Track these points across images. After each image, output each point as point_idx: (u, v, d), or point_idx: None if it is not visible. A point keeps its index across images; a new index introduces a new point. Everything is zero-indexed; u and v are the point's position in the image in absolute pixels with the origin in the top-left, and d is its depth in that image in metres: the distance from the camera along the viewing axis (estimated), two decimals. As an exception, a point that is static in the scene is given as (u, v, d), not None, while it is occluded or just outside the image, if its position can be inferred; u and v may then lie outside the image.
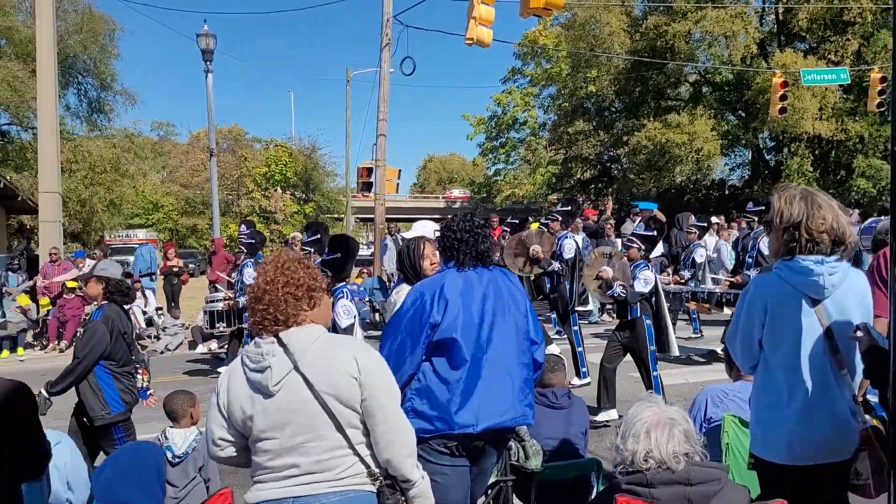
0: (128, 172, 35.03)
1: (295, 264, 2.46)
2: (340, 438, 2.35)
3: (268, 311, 2.37)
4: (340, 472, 2.35)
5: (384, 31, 16.26)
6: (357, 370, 2.34)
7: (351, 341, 2.51)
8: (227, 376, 2.43)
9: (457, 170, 73.69)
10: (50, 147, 14.91)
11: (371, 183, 17.76)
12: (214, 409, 2.44)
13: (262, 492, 2.36)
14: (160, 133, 52.42)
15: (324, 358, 2.34)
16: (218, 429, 2.42)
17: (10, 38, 33.04)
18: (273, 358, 2.31)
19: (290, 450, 2.31)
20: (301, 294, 2.40)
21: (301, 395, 2.31)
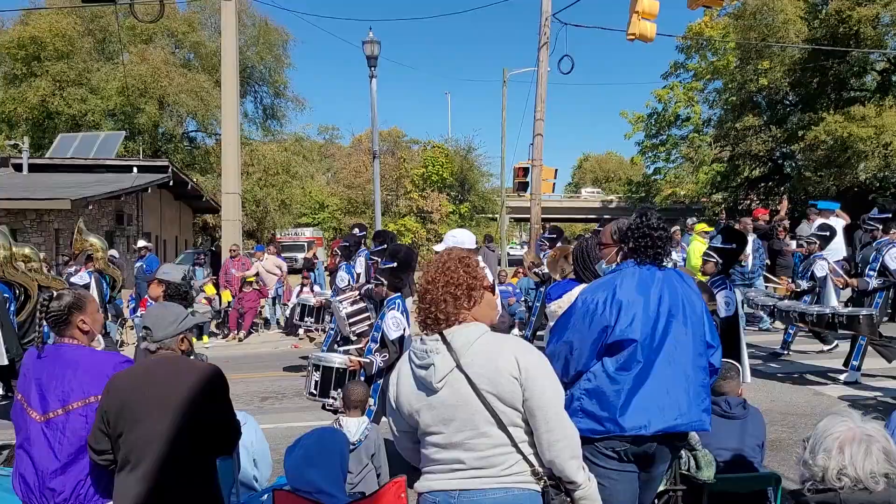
0: (297, 174, 37.34)
1: (455, 264, 2.49)
2: (503, 436, 2.36)
3: (430, 310, 2.44)
4: (504, 469, 2.36)
5: (542, 30, 16.18)
6: (518, 370, 2.34)
7: (513, 341, 2.51)
8: (398, 371, 2.53)
9: (613, 169, 71.97)
10: (232, 152, 16.17)
11: (527, 183, 17.76)
12: (390, 403, 2.55)
13: (430, 482, 2.43)
14: (325, 136, 55.61)
15: (485, 357, 2.36)
16: (394, 421, 2.56)
17: (198, 53, 36.26)
18: (437, 356, 2.37)
19: (454, 445, 2.37)
20: (460, 293, 2.43)
21: (463, 393, 2.34)
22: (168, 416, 2.73)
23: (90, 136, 27.58)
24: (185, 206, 32.20)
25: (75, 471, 2.85)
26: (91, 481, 2.87)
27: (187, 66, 35.18)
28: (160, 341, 2.91)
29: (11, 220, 19.01)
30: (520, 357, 2.36)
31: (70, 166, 24.01)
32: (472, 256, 2.57)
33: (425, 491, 2.43)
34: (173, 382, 2.78)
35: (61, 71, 31.74)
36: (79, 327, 3.05)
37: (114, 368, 2.92)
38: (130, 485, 2.73)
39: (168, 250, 27.97)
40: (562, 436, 2.38)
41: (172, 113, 34.63)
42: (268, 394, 9.30)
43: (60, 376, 2.91)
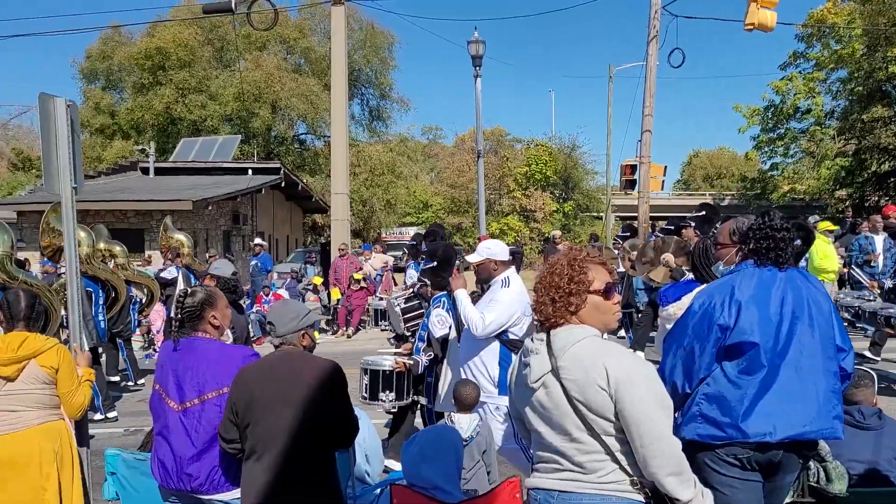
0: (402, 174, 38.06)
1: (563, 267, 2.46)
2: (596, 444, 2.31)
3: (535, 309, 2.48)
4: (602, 476, 2.32)
5: (651, 23, 15.75)
6: (607, 381, 2.26)
7: (609, 349, 2.37)
8: (514, 363, 2.59)
9: (725, 165, 69.04)
10: (341, 153, 16.65)
11: (635, 180, 17.33)
12: (509, 389, 2.64)
13: (535, 479, 2.46)
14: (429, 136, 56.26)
15: (577, 364, 2.31)
16: (511, 409, 2.70)
17: (308, 58, 37.56)
18: (536, 356, 2.39)
19: (550, 446, 2.39)
20: (558, 298, 2.41)
21: (556, 397, 2.34)
22: (290, 410, 2.84)
23: (209, 140, 29.12)
24: (295, 207, 33.45)
25: (209, 457, 3.02)
26: (223, 468, 3.02)
27: (298, 71, 36.51)
28: (282, 336, 3.03)
29: (140, 221, 20.34)
30: (611, 368, 2.26)
31: (191, 169, 25.43)
32: (585, 258, 2.51)
33: (531, 487, 2.48)
34: (295, 377, 2.89)
35: (183, 79, 33.70)
36: (210, 322, 3.22)
37: (243, 361, 3.07)
38: (256, 474, 2.86)
39: (280, 249, 29.12)
40: (658, 452, 2.26)
41: (284, 116, 36.06)
42: (376, 389, 9.47)
43: (195, 368, 3.09)
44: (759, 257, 3.10)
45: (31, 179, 34.48)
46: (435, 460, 3.12)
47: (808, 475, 3.39)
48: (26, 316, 3.57)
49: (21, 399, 3.46)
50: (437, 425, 3.65)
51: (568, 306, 2.40)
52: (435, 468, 3.09)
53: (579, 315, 2.41)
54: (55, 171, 3.94)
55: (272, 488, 2.82)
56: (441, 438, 3.28)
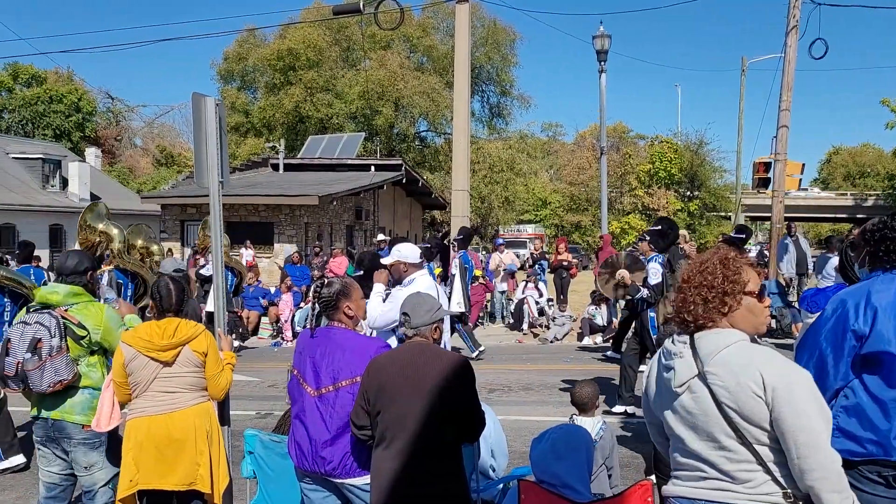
0: (521, 171, 37.96)
1: (716, 265, 2.33)
2: (747, 453, 2.18)
3: (681, 310, 2.34)
4: (752, 487, 2.19)
5: (791, 12, 14.85)
6: (762, 388, 2.13)
7: (764, 354, 2.24)
8: (652, 366, 2.49)
9: (869, 163, 64.27)
10: (462, 150, 16.77)
11: (769, 179, 16.40)
12: (644, 395, 2.54)
13: (676, 487, 2.36)
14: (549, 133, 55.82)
15: (729, 369, 2.19)
16: (646, 413, 2.55)
17: (430, 56, 38.16)
18: (679, 359, 2.27)
19: (695, 453, 2.27)
20: (712, 297, 2.28)
21: (703, 403, 2.21)
22: (420, 399, 2.90)
23: (335, 137, 30.19)
24: (415, 203, 34.10)
25: (343, 443, 3.12)
26: (355, 454, 3.12)
27: (420, 69, 37.18)
28: (417, 328, 3.09)
29: (269, 215, 21.39)
30: (767, 374, 2.14)
31: (317, 165, 26.45)
32: (738, 257, 2.39)
33: (671, 496, 2.37)
34: (426, 368, 2.95)
35: (312, 79, 35.11)
36: (345, 312, 3.33)
37: (376, 352, 3.16)
38: (385, 460, 2.94)
39: (400, 244, 29.73)
40: (816, 465, 2.13)
41: (406, 114, 36.83)
42: (494, 386, 9.53)
43: (331, 356, 3.21)
44: (875, 262, 2.91)
45: (173, 175, 37.00)
46: (566, 458, 3.09)
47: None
48: (176, 308, 3.83)
49: (178, 382, 3.73)
50: (569, 424, 3.61)
51: (721, 307, 2.29)
52: (566, 466, 3.05)
53: (731, 317, 2.29)
54: (205, 166, 4.19)
55: (399, 475, 2.88)
56: (573, 436, 3.24)
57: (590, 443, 3.34)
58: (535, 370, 10.72)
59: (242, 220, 21.05)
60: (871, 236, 2.98)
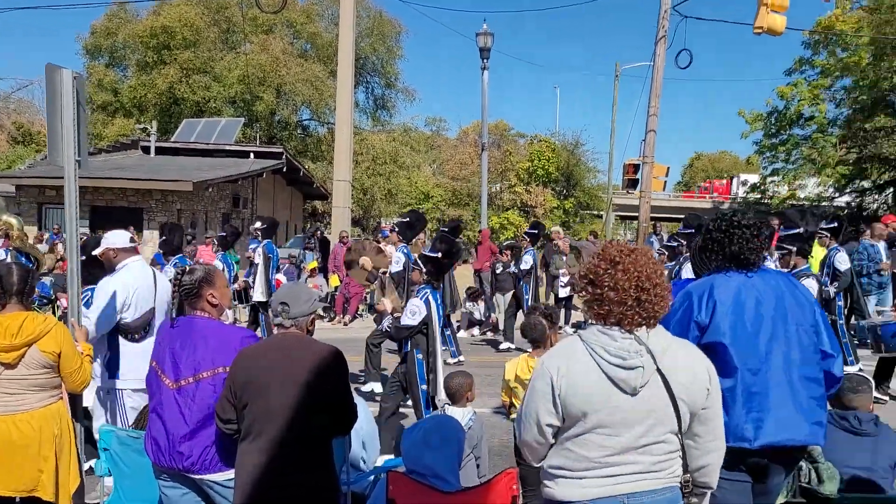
0: (404, 164, 38.01)
1: (657, 266, 2.41)
2: (677, 442, 2.34)
3: (645, 307, 2.31)
4: (669, 473, 2.35)
5: (661, 23, 15.71)
6: (709, 380, 2.35)
7: (697, 349, 2.50)
8: (567, 363, 2.31)
9: (727, 168, 69.07)
10: (344, 140, 16.59)
11: (637, 180, 17.31)
12: (545, 395, 2.32)
13: (587, 489, 2.29)
14: (433, 128, 56.15)
15: (684, 364, 2.33)
16: (547, 415, 2.33)
17: (314, 43, 37.43)
18: (641, 358, 2.27)
19: (632, 449, 2.28)
20: (666, 295, 2.38)
21: (659, 398, 2.28)
22: (291, 391, 2.82)
23: (212, 121, 29.05)
24: (296, 192, 33.41)
25: (203, 437, 3.00)
26: (217, 448, 3.01)
27: (304, 56, 36.40)
28: (295, 318, 3.00)
29: (139, 200, 20.30)
30: (710, 368, 2.38)
31: (193, 150, 25.35)
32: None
33: (582, 499, 2.29)
34: (298, 360, 2.87)
35: (188, 59, 33.56)
36: (208, 300, 3.19)
37: (241, 342, 3.05)
38: (251, 454, 2.84)
39: (279, 234, 29.08)
40: (722, 444, 2.44)
41: (288, 101, 35.96)
42: (370, 377, 9.46)
43: (192, 346, 3.06)
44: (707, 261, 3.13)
45: (31, 154, 34.35)
46: (438, 448, 3.11)
47: (799, 476, 3.39)
48: (19, 290, 3.51)
49: (22, 383, 3.43)
50: (441, 415, 3.64)
51: (666, 305, 2.38)
52: (437, 456, 3.07)
53: None
54: (59, 143, 3.88)
55: (266, 468, 2.80)
56: (445, 427, 3.27)
57: (460, 433, 3.38)
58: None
59: (109, 205, 19.87)
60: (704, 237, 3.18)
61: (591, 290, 2.35)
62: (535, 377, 2.39)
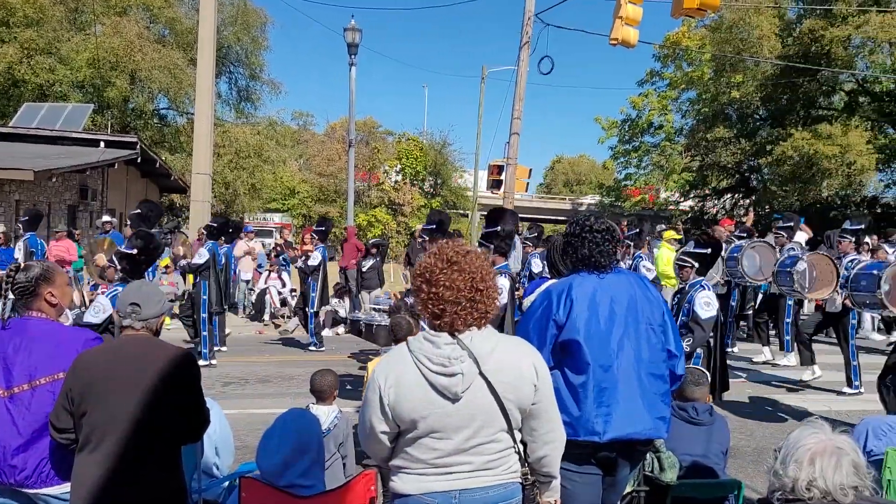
0: (269, 159, 36.94)
1: (487, 263, 2.43)
2: (509, 440, 2.38)
3: (478, 307, 2.32)
4: (504, 469, 2.39)
5: (524, 29, 16.22)
6: (536, 377, 2.37)
7: (526, 345, 2.51)
8: (394, 373, 2.32)
9: (585, 172, 72.53)
10: (204, 132, 15.92)
11: (501, 181, 17.78)
12: (375, 404, 2.34)
13: (424, 483, 2.33)
14: (300, 122, 54.98)
15: (509, 365, 2.33)
16: (379, 423, 2.35)
17: (173, 28, 35.60)
18: (462, 364, 2.27)
19: (462, 451, 2.31)
20: (496, 295, 2.41)
21: (482, 401, 2.30)
22: (136, 397, 2.66)
23: (57, 107, 26.94)
24: (151, 185, 31.61)
25: (39, 448, 2.77)
26: (54, 461, 2.79)
27: (161, 42, 34.50)
28: (146, 320, 2.83)
29: (-29, 189, 18.49)
30: (536, 363, 2.39)
31: (35, 137, 23.36)
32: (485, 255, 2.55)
33: (419, 492, 2.33)
34: (144, 363, 2.71)
35: (30, 38, 30.90)
36: (46, 300, 2.96)
37: (83, 345, 2.84)
38: (90, 466, 2.64)
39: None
40: (559, 437, 2.48)
41: (144, 89, 33.97)
42: (230, 379, 9.19)
43: (27, 350, 2.82)
44: (568, 263, 3.27)
45: None
46: (296, 449, 3.03)
47: (643, 465, 3.60)
48: None
49: None
50: (299, 412, 3.55)
51: (496, 305, 2.40)
52: (292, 457, 2.99)
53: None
54: None
55: (104, 483, 2.60)
56: (302, 423, 3.18)
57: (319, 432, 3.33)
58: (275, 361, 10.53)
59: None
60: (564, 239, 3.33)
61: (426, 290, 2.34)
62: (367, 387, 2.42)
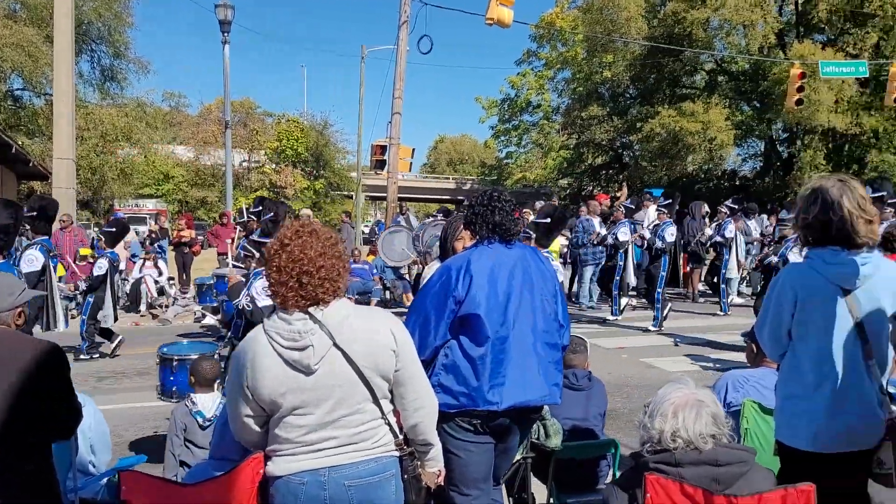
0: (139, 142, 35.08)
1: (335, 235, 2.44)
2: (376, 410, 2.39)
3: (307, 290, 2.31)
4: (374, 442, 2.40)
5: (402, 8, 16.16)
6: (395, 343, 2.39)
7: (383, 312, 2.54)
8: (250, 353, 2.33)
9: (468, 151, 73.42)
10: (65, 113, 14.91)
11: (384, 161, 17.73)
12: (237, 387, 2.36)
13: (292, 463, 2.34)
14: (171, 104, 52.41)
15: (363, 333, 2.35)
16: (242, 407, 2.37)
17: (25, 3, 32.95)
18: (313, 336, 2.28)
19: (326, 424, 2.32)
20: (344, 268, 2.40)
21: (342, 371, 2.31)
22: (-1, 395, 2.49)
23: None
24: (7, 171, 29.25)
25: None
26: None
27: (12, 18, 31.84)
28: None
29: None
30: (394, 329, 2.41)
31: None
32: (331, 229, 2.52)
33: (287, 473, 2.34)
34: (6, 359, 2.54)
35: None
36: None
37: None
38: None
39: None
40: (429, 402, 2.52)
41: (-6, 68, 31.33)
42: (105, 374, 8.76)
43: None
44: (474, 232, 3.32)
45: None
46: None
47: (529, 432, 3.74)
48: None
49: None
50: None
51: (344, 280, 2.40)
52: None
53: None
54: None
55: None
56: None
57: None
58: (153, 353, 10.08)
59: None
60: (468, 212, 3.38)
61: (266, 269, 2.39)
62: (230, 369, 2.43)
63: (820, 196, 2.68)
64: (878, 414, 2.65)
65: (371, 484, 2.37)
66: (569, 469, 3.90)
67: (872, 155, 26.44)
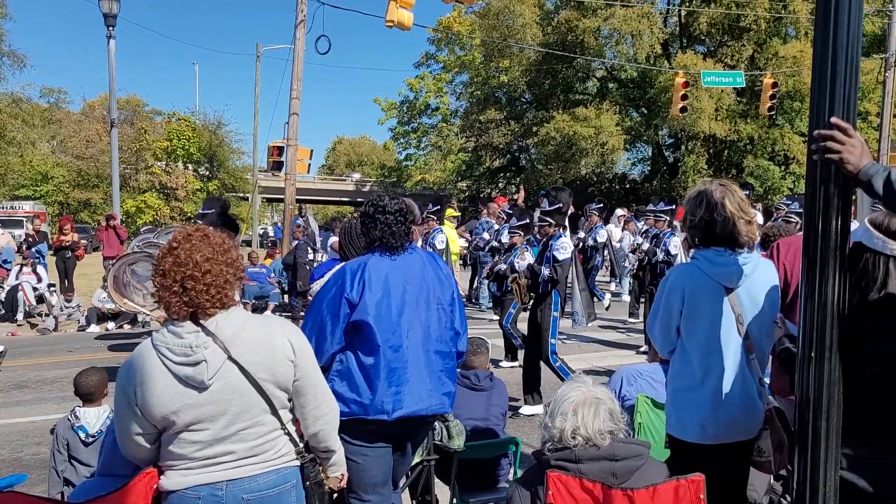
0: (14, 140, 32.90)
1: (227, 241, 2.35)
2: (275, 421, 2.34)
3: (190, 296, 2.21)
4: (275, 454, 2.35)
5: (299, 7, 15.89)
6: (293, 352, 2.34)
7: (279, 322, 2.45)
8: (138, 370, 2.21)
9: (367, 153, 72.93)
10: (-71, 108, 13.77)
11: (282, 162, 17.34)
12: (124, 406, 2.23)
13: (188, 477, 2.25)
14: (50, 100, 49.39)
15: (259, 344, 2.27)
16: (132, 425, 2.24)
17: None
18: (206, 350, 2.19)
19: (223, 439, 2.25)
20: (239, 275, 2.33)
21: (236, 385, 2.23)
22: None
23: None
24: None
25: None
26: None
27: None
28: None
29: None
30: (292, 338, 2.35)
31: None
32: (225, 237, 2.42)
33: (182, 487, 2.24)
34: None
35: None
36: None
37: None
38: None
39: None
40: (329, 410, 2.49)
41: None
42: (-22, 389, 8.14)
43: None
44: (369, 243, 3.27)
45: None
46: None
47: (432, 435, 3.76)
48: None
49: None
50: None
51: (234, 288, 2.31)
52: None
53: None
54: None
55: None
56: None
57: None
58: (33, 364, 9.49)
59: None
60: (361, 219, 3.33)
61: (152, 274, 2.30)
62: (116, 385, 2.28)
63: (705, 198, 2.84)
64: (759, 405, 2.82)
65: (270, 496, 2.32)
66: (470, 469, 3.95)
67: (749, 160, 28.21)
